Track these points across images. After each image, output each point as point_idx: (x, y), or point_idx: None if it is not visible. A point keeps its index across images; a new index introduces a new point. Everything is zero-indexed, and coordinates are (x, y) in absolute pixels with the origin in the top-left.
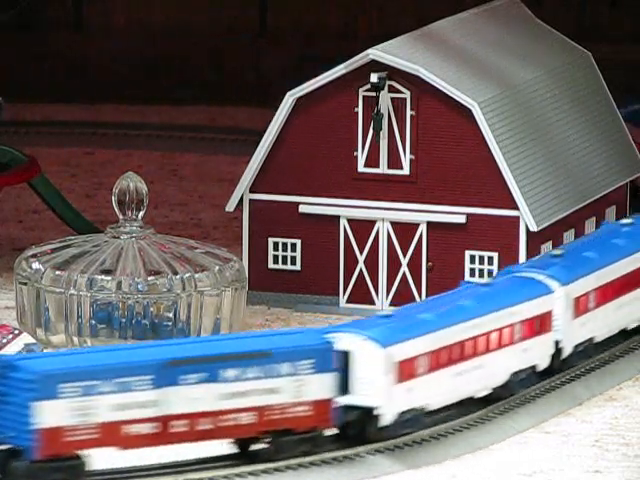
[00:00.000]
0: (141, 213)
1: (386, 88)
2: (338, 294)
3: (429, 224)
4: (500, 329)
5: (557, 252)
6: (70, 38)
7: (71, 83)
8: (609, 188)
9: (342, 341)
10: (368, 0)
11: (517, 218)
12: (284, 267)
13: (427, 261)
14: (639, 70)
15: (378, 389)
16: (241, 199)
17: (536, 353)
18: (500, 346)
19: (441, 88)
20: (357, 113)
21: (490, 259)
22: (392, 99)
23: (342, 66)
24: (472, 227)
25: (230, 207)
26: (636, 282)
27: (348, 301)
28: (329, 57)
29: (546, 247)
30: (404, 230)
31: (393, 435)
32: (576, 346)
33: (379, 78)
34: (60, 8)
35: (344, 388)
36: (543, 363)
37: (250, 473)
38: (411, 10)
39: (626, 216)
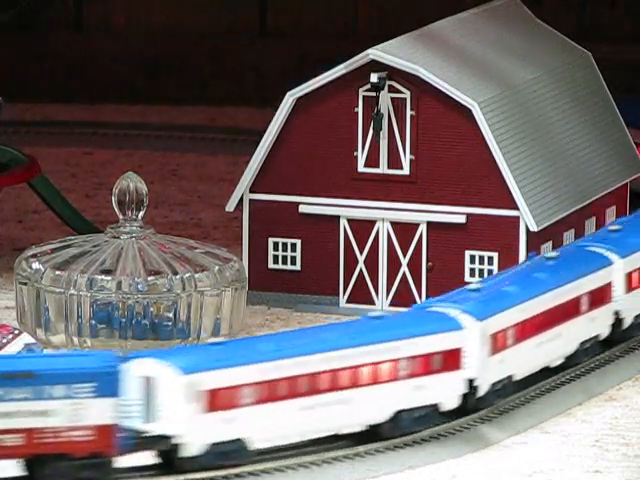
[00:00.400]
0: (141, 213)
1: (386, 88)
2: (338, 294)
3: (429, 224)
4: (374, 364)
5: (475, 286)
6: (70, 38)
7: (71, 83)
8: (609, 188)
9: (144, 367)
10: (368, 0)
11: (517, 218)
12: (284, 267)
13: (427, 261)
14: (639, 70)
15: (179, 417)
16: (241, 199)
17: (439, 391)
18: (374, 382)
19: (441, 88)
20: (357, 113)
21: (490, 259)
22: (392, 99)
23: (342, 66)
24: (472, 227)
25: (230, 207)
26: (559, 318)
27: (348, 301)
28: (329, 57)
29: (546, 247)
30: (404, 230)
31: (207, 466)
32: (493, 384)
33: (379, 78)
34: (60, 8)
35: (147, 415)
36: (449, 402)
37: (250, 473)
38: (411, 10)
39: (622, 216)
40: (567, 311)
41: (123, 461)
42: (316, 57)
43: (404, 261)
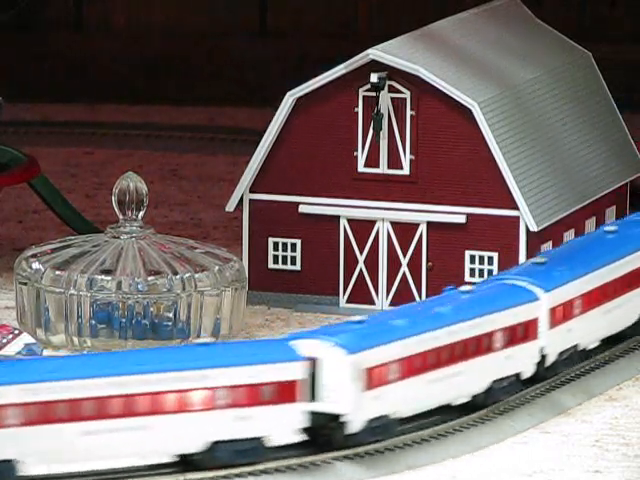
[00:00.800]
0: (141, 213)
1: (386, 88)
2: (338, 294)
3: (429, 224)
4: (180, 391)
5: (359, 318)
6: (70, 38)
7: (71, 83)
8: (609, 188)
9: None
10: (368, 0)
11: (517, 218)
12: (284, 267)
13: (427, 261)
14: (639, 70)
15: None
16: (241, 199)
17: (268, 424)
18: (182, 410)
19: (441, 88)
20: (357, 113)
21: (490, 259)
22: (392, 99)
23: (342, 66)
24: (472, 227)
25: (230, 207)
26: (460, 355)
27: (348, 301)
28: (329, 57)
29: (546, 247)
30: (404, 230)
31: None
32: (370, 421)
33: (379, 78)
34: (60, 8)
35: None
36: (281, 436)
37: (250, 473)
38: (411, 10)
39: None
40: (473, 348)
41: None
42: (316, 57)
43: (404, 261)
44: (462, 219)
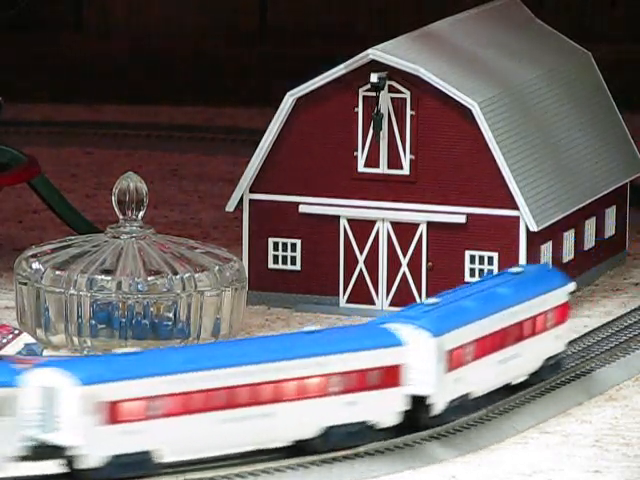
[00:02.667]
0: (141, 213)
1: (386, 88)
2: (338, 294)
3: (429, 224)
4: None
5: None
6: (70, 38)
7: (71, 83)
8: (609, 188)
9: None
10: (368, 0)
11: (517, 218)
12: (284, 267)
13: (427, 261)
14: (639, 70)
15: None
16: (241, 199)
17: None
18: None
19: (441, 88)
20: (357, 113)
21: (490, 259)
22: (392, 99)
23: (342, 66)
24: (472, 227)
25: (230, 207)
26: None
27: (348, 301)
28: (329, 57)
29: (546, 247)
30: (404, 230)
31: None
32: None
33: (379, 78)
34: (60, 8)
35: None
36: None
37: (250, 473)
38: (411, 10)
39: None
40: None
41: None
42: (316, 57)
43: (404, 261)
44: (462, 219)
